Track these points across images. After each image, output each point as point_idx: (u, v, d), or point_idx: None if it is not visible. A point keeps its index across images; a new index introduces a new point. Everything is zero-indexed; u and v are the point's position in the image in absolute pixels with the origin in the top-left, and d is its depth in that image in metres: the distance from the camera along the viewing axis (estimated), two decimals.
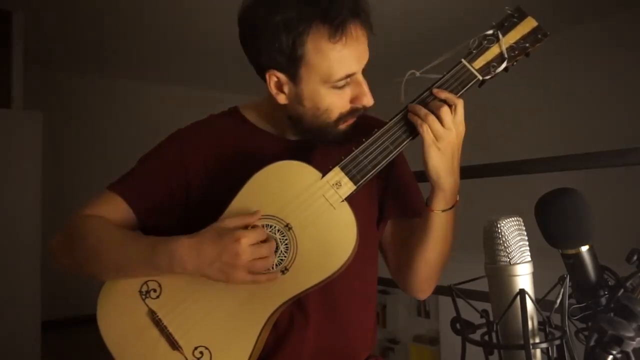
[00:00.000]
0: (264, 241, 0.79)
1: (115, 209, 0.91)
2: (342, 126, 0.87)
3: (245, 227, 0.79)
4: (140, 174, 0.94)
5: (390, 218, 0.99)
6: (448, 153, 0.81)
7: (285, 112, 0.89)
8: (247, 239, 0.76)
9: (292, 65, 0.81)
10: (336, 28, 0.78)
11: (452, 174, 0.83)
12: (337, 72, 0.81)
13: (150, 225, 0.92)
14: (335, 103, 0.84)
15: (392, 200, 0.99)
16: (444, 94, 0.82)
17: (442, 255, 0.91)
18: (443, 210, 0.86)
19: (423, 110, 0.81)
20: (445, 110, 0.80)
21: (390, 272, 1.01)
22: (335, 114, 0.85)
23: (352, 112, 0.86)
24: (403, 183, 1.00)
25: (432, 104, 0.82)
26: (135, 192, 0.91)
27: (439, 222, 0.86)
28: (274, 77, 0.84)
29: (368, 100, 0.85)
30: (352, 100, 0.85)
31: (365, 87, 0.84)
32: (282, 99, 0.86)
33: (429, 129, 0.80)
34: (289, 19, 0.78)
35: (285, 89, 0.85)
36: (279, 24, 0.78)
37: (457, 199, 0.87)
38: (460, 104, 0.81)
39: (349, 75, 0.82)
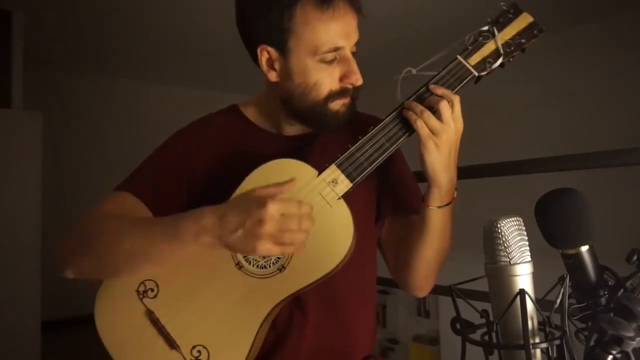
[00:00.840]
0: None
1: (125, 203, 0.88)
2: (333, 105, 0.86)
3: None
4: (147, 171, 0.92)
5: (387, 216, 0.99)
6: (445, 149, 0.81)
7: (278, 95, 0.90)
8: (275, 206, 0.72)
9: (282, 37, 0.83)
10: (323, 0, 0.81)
11: (447, 171, 0.83)
12: (325, 43, 0.82)
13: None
14: (324, 79, 0.85)
15: (389, 198, 0.99)
16: (440, 90, 0.82)
17: (440, 253, 0.90)
18: (439, 207, 0.86)
19: (419, 107, 0.81)
20: (444, 105, 0.80)
21: (389, 270, 1.01)
22: (324, 91, 0.85)
23: (342, 91, 0.86)
24: (400, 180, 1.00)
25: (429, 100, 0.83)
26: (145, 187, 0.89)
27: (436, 219, 0.86)
28: (265, 53, 0.86)
29: (357, 79, 0.85)
30: (341, 79, 0.86)
31: (354, 65, 0.85)
32: (273, 76, 0.88)
33: (423, 124, 0.80)
34: None
35: (276, 65, 0.87)
36: None
37: (455, 196, 0.87)
38: (457, 100, 0.81)
39: (336, 49, 0.83)
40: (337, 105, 0.87)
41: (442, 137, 0.80)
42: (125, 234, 0.81)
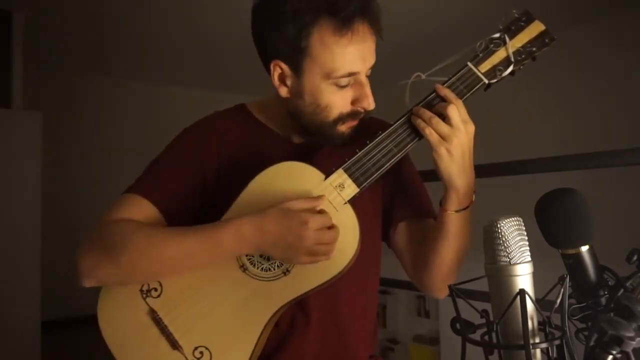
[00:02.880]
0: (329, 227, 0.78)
1: (140, 209, 0.86)
2: (342, 127, 0.86)
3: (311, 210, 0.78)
4: (157, 173, 0.91)
5: (403, 220, 0.98)
6: (457, 153, 0.80)
7: (286, 109, 0.89)
8: (314, 223, 0.75)
9: (297, 56, 0.81)
10: (343, 22, 0.78)
11: (464, 175, 0.82)
12: (340, 68, 0.80)
13: (174, 224, 0.88)
14: (335, 102, 0.83)
15: (403, 202, 0.98)
16: (443, 91, 0.82)
17: (458, 255, 0.90)
18: (457, 211, 0.85)
19: (427, 114, 0.80)
20: (452, 109, 0.79)
21: (408, 274, 1.01)
22: (334, 113, 0.84)
23: (352, 114, 0.85)
24: (412, 185, 0.99)
25: (438, 106, 0.82)
26: (160, 194, 0.88)
27: (454, 223, 0.86)
28: (278, 69, 0.84)
29: (369, 104, 0.84)
30: (353, 102, 0.84)
31: (367, 90, 0.84)
32: (284, 91, 0.86)
33: (432, 131, 0.79)
34: (297, 9, 0.79)
35: (288, 82, 0.85)
36: (288, 13, 0.79)
37: (473, 198, 0.87)
38: (459, 104, 0.81)
39: (351, 74, 0.81)
40: (345, 127, 0.86)
41: (452, 141, 0.79)
42: (158, 247, 0.81)
